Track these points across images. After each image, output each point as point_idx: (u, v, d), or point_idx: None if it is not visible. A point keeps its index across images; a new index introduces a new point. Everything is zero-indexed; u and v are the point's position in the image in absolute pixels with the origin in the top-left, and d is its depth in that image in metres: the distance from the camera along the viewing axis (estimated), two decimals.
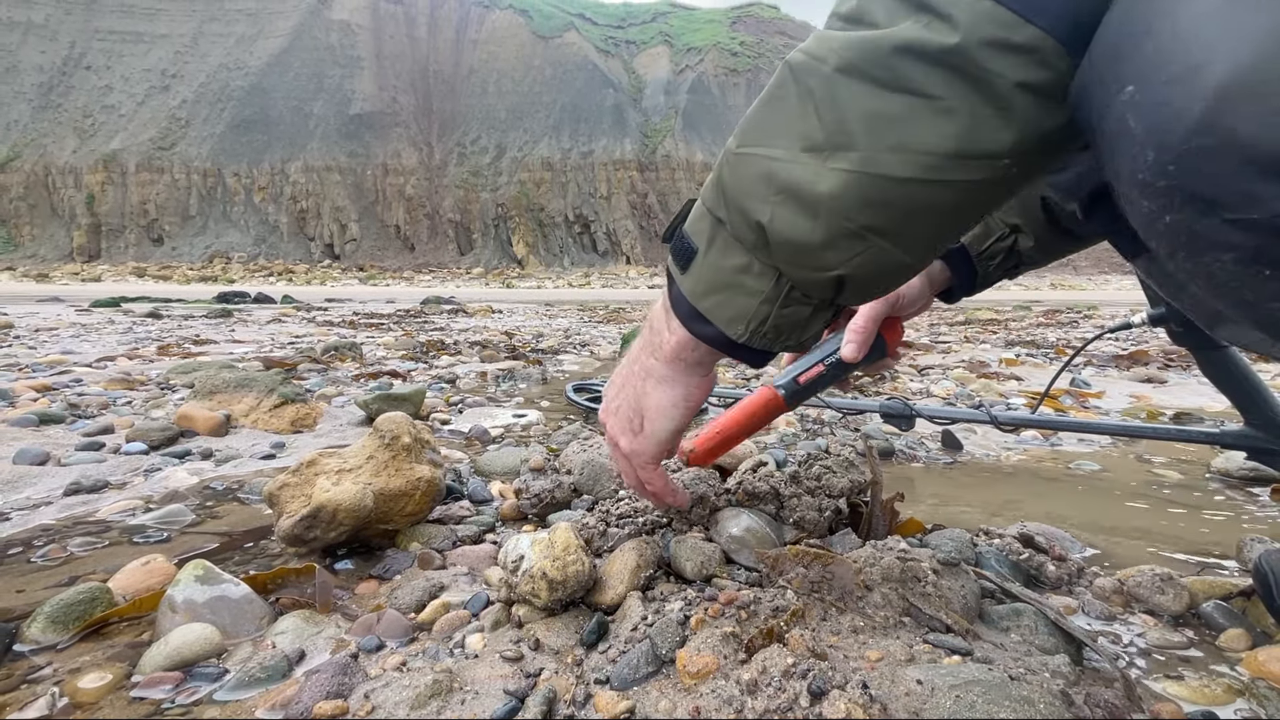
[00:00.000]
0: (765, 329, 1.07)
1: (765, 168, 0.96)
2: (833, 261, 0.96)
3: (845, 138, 0.88)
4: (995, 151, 0.83)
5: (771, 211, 0.96)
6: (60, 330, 8.89)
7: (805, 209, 0.93)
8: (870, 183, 0.88)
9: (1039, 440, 3.13)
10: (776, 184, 0.94)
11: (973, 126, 0.82)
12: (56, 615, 1.33)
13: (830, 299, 1.05)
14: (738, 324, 1.07)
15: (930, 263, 1.07)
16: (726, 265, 1.05)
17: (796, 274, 1.01)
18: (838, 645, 1.11)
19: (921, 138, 0.84)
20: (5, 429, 2.88)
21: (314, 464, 1.77)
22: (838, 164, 0.89)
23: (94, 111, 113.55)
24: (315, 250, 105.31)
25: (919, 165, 0.85)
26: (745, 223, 1.00)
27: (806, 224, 0.93)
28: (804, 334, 1.11)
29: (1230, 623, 1.38)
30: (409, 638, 1.32)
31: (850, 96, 0.87)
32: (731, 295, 1.06)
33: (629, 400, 1.31)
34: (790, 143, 0.93)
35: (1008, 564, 1.60)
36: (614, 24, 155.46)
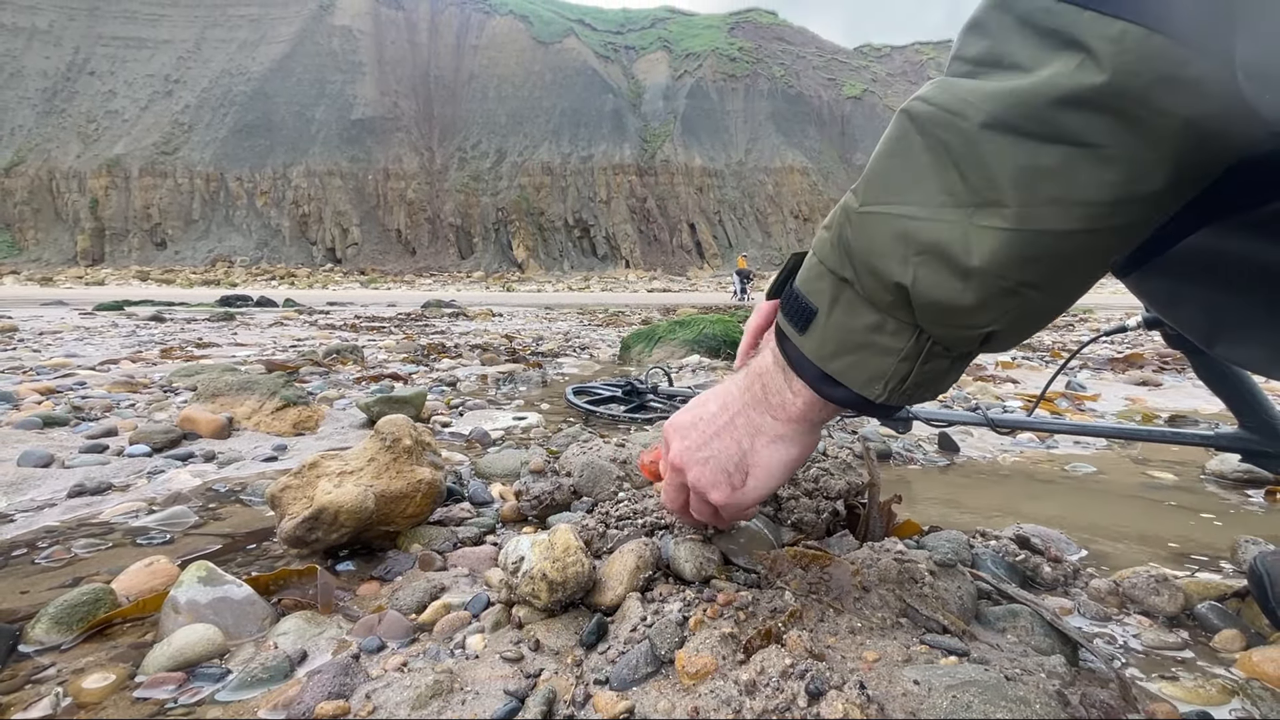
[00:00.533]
0: (905, 386, 1.02)
1: (901, 227, 0.91)
2: (985, 320, 0.92)
3: (996, 194, 0.83)
4: (1155, 191, 0.78)
5: (914, 273, 0.91)
6: (64, 334, 8.89)
7: (954, 270, 0.88)
8: (1028, 239, 0.83)
9: (1035, 443, 3.13)
10: (917, 244, 0.90)
11: (1133, 171, 0.77)
12: (60, 616, 1.33)
13: (974, 351, 1.01)
14: (875, 384, 1.02)
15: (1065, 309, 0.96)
16: (857, 325, 1.00)
17: (941, 332, 0.96)
18: (835, 646, 1.11)
19: (1082, 189, 0.79)
20: (10, 431, 2.88)
21: (316, 466, 1.77)
22: (989, 221, 0.84)
23: (98, 116, 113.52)
24: (317, 254, 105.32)
25: (1080, 217, 0.80)
26: (880, 284, 0.95)
27: (957, 285, 0.89)
28: (944, 385, 1.07)
29: (1225, 624, 1.38)
30: (410, 638, 1.32)
31: (999, 151, 0.82)
32: (866, 356, 1.01)
33: (729, 454, 1.20)
34: (928, 200, 0.89)
35: (1004, 565, 1.60)
36: (613, 30, 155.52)
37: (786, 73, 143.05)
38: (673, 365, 5.63)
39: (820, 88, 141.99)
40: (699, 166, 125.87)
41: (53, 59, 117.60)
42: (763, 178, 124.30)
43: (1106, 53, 0.71)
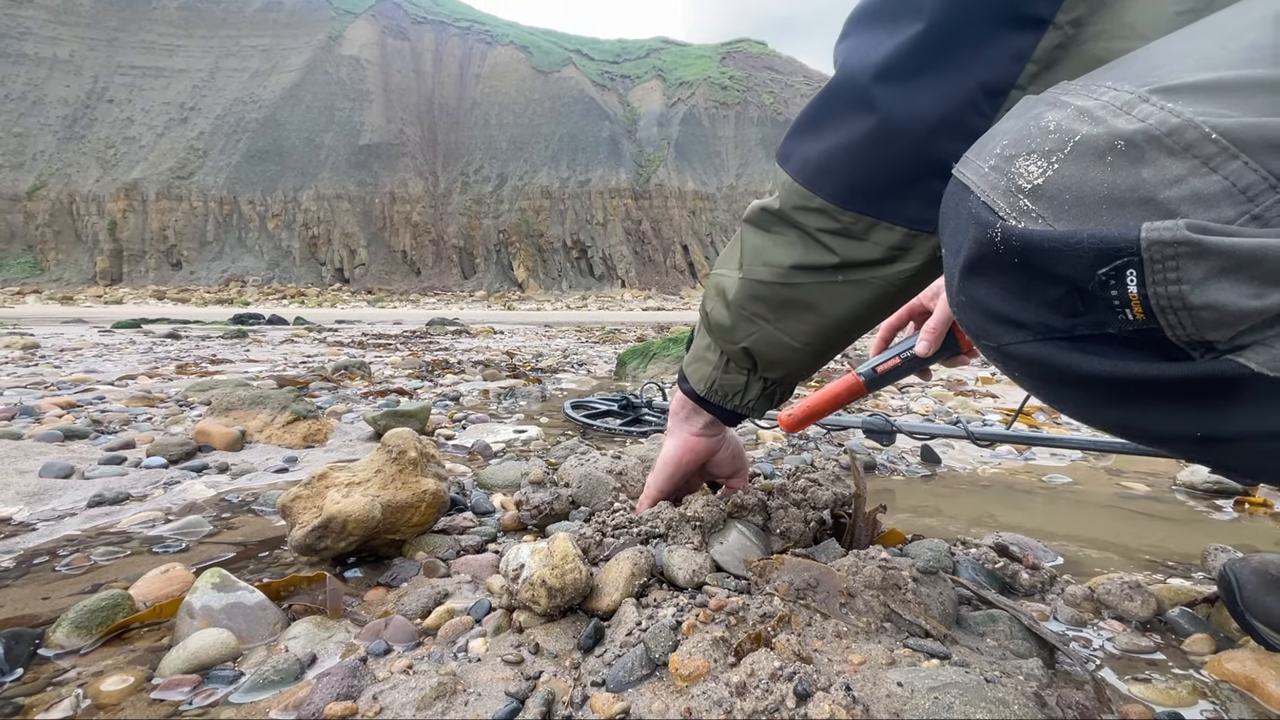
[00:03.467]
0: (716, 388, 1.56)
1: (717, 280, 1.47)
2: (739, 336, 1.44)
3: (743, 259, 1.39)
4: (821, 265, 1.27)
5: (712, 306, 1.49)
6: (84, 350, 8.87)
7: (724, 303, 1.45)
8: (752, 285, 1.37)
9: (1013, 455, 3.14)
10: (717, 289, 1.46)
11: (804, 252, 1.28)
12: (80, 621, 1.33)
13: (752, 368, 1.51)
14: (701, 383, 1.58)
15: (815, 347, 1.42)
16: (700, 345, 1.58)
17: (724, 346, 1.50)
18: (822, 649, 1.11)
19: (776, 258, 1.32)
20: (32, 444, 2.87)
21: (325, 477, 1.77)
22: (738, 274, 1.40)
23: (116, 142, 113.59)
24: (326, 274, 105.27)
25: (774, 274, 1.33)
26: (704, 315, 1.53)
27: (725, 312, 1.45)
28: (745, 396, 1.55)
29: (1195, 628, 1.39)
30: (415, 642, 1.33)
31: (747, 236, 1.39)
32: (700, 365, 1.58)
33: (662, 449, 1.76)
34: (730, 264, 1.44)
35: (984, 572, 1.60)
36: (610, 59, 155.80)
37: (775, 100, 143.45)
38: (666, 381, 5.63)
39: None
40: (692, 190, 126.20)
41: (73, 87, 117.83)
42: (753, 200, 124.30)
43: (781, 190, 1.28)
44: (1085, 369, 0.80)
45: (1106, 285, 0.72)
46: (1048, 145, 0.79)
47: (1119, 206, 0.71)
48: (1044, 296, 0.80)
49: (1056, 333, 0.81)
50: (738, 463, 1.81)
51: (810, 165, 1.21)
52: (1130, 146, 0.71)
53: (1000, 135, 0.88)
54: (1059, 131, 0.78)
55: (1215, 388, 0.73)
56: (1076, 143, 0.76)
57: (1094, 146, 0.74)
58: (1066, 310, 0.78)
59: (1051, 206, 0.76)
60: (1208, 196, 0.67)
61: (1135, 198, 0.71)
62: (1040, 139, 0.80)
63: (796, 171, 1.24)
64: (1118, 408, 0.84)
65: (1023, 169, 0.80)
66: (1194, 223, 0.66)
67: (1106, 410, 0.86)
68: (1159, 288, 0.69)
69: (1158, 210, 0.69)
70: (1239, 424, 0.75)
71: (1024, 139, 0.82)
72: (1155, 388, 0.77)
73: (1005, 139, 0.86)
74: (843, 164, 1.16)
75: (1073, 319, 0.78)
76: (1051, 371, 0.84)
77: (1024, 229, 0.78)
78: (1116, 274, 0.71)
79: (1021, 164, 0.80)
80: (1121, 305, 0.72)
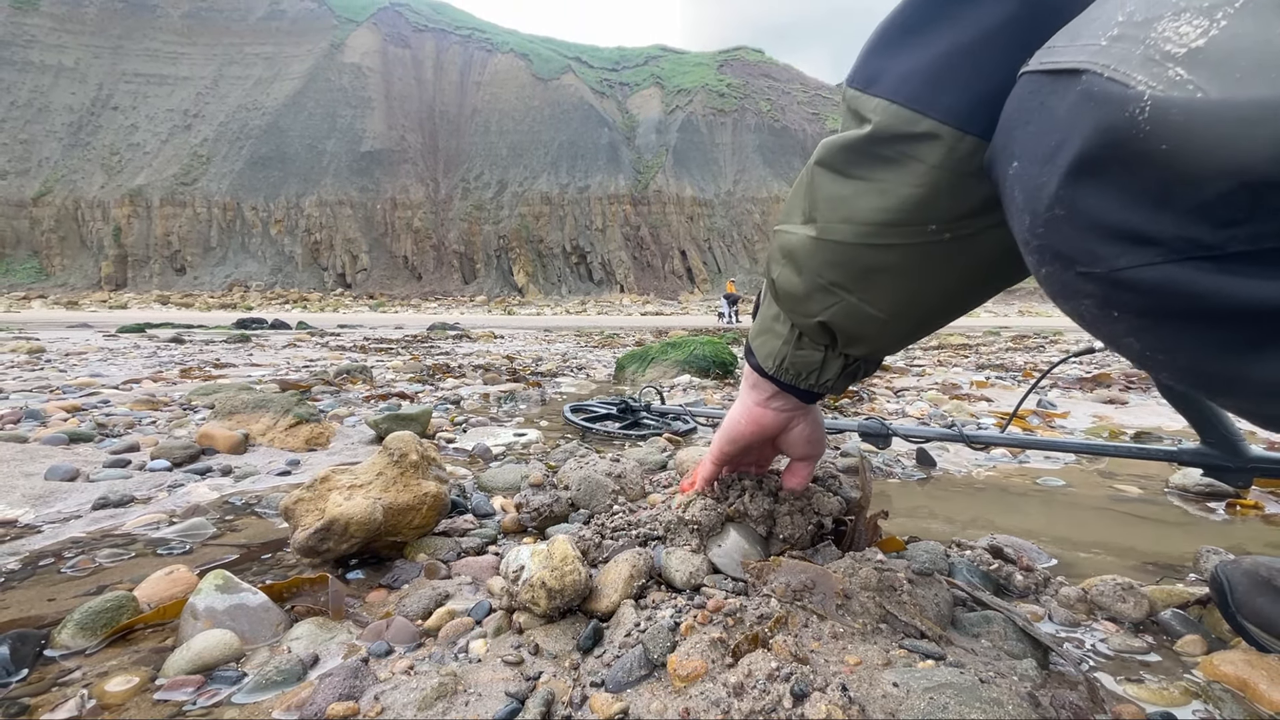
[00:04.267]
0: (786, 365, 1.31)
1: (782, 240, 1.20)
2: (815, 309, 1.18)
3: (816, 213, 1.11)
4: (920, 219, 0.99)
5: (779, 271, 1.21)
6: (89, 354, 8.87)
7: (794, 267, 1.17)
8: (829, 247, 1.09)
9: (1008, 458, 3.14)
10: (784, 249, 1.19)
11: (900, 201, 0.98)
12: (85, 622, 1.33)
13: (830, 344, 1.25)
14: (769, 360, 1.32)
15: (909, 322, 1.17)
16: (768, 315, 1.32)
17: (795, 319, 1.24)
18: (819, 650, 1.11)
19: (861, 213, 1.03)
20: (37, 447, 2.87)
21: (327, 480, 1.77)
22: (810, 232, 1.12)
23: (121, 149, 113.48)
24: (328, 279, 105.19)
25: (858, 233, 1.04)
26: (769, 279, 1.26)
27: (794, 278, 1.18)
28: (822, 376, 1.30)
29: (1187, 629, 1.39)
30: (416, 643, 1.33)
31: (821, 182, 1.09)
32: (768, 338, 1.32)
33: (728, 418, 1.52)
34: (795, 218, 1.16)
35: (978, 574, 1.60)
36: (609, 67, 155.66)
37: (772, 107, 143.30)
38: (665, 384, 5.63)
39: (805, 121, 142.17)
40: (690, 196, 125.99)
41: (78, 94, 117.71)
42: (750, 207, 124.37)
43: (874, 118, 0.97)
44: (1234, 296, 0.63)
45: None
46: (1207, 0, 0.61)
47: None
48: (1194, 198, 0.62)
49: (1201, 249, 0.63)
50: (813, 446, 1.50)
51: (915, 78, 0.93)
52: None
53: (1114, 7, 0.70)
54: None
55: None
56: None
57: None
58: (1223, 217, 0.61)
59: (1218, 74, 0.59)
60: None
61: None
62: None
63: (894, 90, 0.95)
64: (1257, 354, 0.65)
65: (1170, 32, 0.62)
66: None
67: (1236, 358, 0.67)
68: None
69: None
70: None
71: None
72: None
73: (1129, 6, 0.68)
74: (969, 67, 0.90)
75: (1229, 229, 0.61)
76: (1182, 304, 0.66)
77: (1188, 99, 0.60)
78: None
79: (1167, 26, 0.63)
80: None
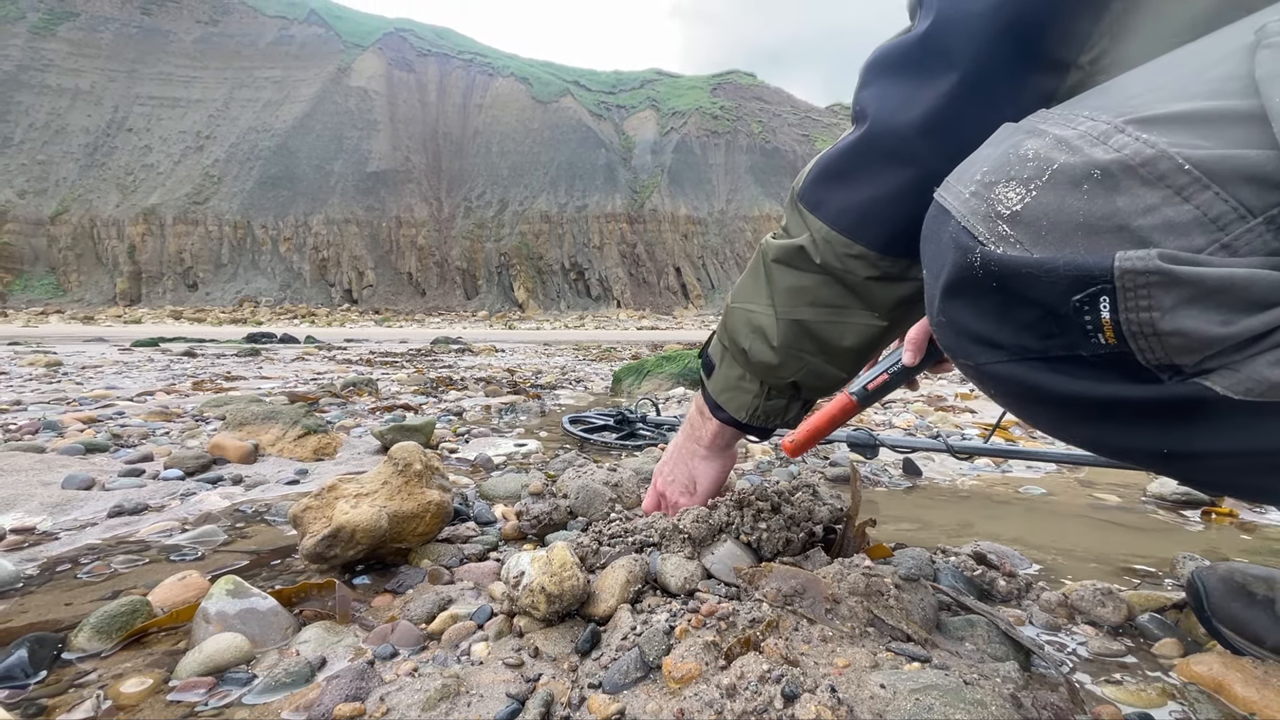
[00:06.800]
0: (759, 414, 1.55)
1: (746, 316, 1.44)
2: (786, 374, 1.44)
3: (777, 299, 1.37)
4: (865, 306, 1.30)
5: (750, 343, 1.44)
6: (104, 367, 8.85)
7: (766, 342, 1.41)
8: (796, 326, 1.36)
9: (991, 467, 3.14)
10: (752, 326, 1.43)
11: (847, 293, 1.29)
12: (101, 625, 1.33)
13: (795, 395, 1.52)
14: (742, 411, 1.56)
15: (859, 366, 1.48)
16: (732, 375, 1.55)
17: (768, 380, 1.49)
18: (808, 653, 1.12)
19: (824, 298, 1.31)
20: (55, 457, 2.87)
21: (334, 489, 1.77)
22: (774, 314, 1.38)
23: (135, 169, 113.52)
24: (335, 295, 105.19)
25: (823, 314, 1.33)
26: (737, 349, 1.49)
27: (769, 351, 1.41)
28: (786, 416, 1.57)
29: (1164, 633, 1.39)
30: (420, 646, 1.33)
31: (780, 276, 1.36)
32: (736, 394, 1.55)
33: (684, 474, 1.77)
34: (758, 300, 1.41)
35: (963, 579, 1.61)
36: (606, 90, 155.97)
37: (764, 129, 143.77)
38: (660, 396, 5.63)
39: (795, 143, 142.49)
40: (684, 215, 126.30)
41: (94, 117, 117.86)
42: (742, 225, 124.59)
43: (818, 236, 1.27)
44: (1058, 389, 0.81)
45: (1081, 310, 0.73)
46: (1026, 173, 0.79)
47: (1094, 234, 0.72)
48: (1020, 319, 0.81)
49: (1031, 353, 0.82)
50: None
51: (848, 215, 1.22)
52: (1106, 175, 0.72)
53: (981, 162, 0.88)
54: (1037, 160, 0.79)
55: (1181, 408, 0.74)
56: (1054, 171, 0.76)
57: (1071, 175, 0.75)
58: (1041, 332, 0.80)
59: (1029, 233, 0.77)
60: (1180, 225, 0.68)
61: (1110, 225, 0.71)
62: (1019, 166, 0.80)
63: (833, 220, 1.24)
64: (1088, 425, 0.86)
65: (1002, 195, 0.80)
66: (1165, 252, 0.67)
67: (1077, 427, 0.89)
68: (1131, 314, 0.70)
69: (1131, 238, 0.70)
70: (1203, 442, 0.77)
71: (1004, 166, 0.83)
72: (1124, 407, 0.79)
73: (985, 165, 0.86)
74: (884, 214, 1.17)
75: (1047, 341, 0.80)
76: (1026, 390, 0.86)
77: (1002, 254, 0.79)
78: (1090, 300, 0.72)
79: (1001, 190, 0.81)
80: (1094, 330, 0.74)
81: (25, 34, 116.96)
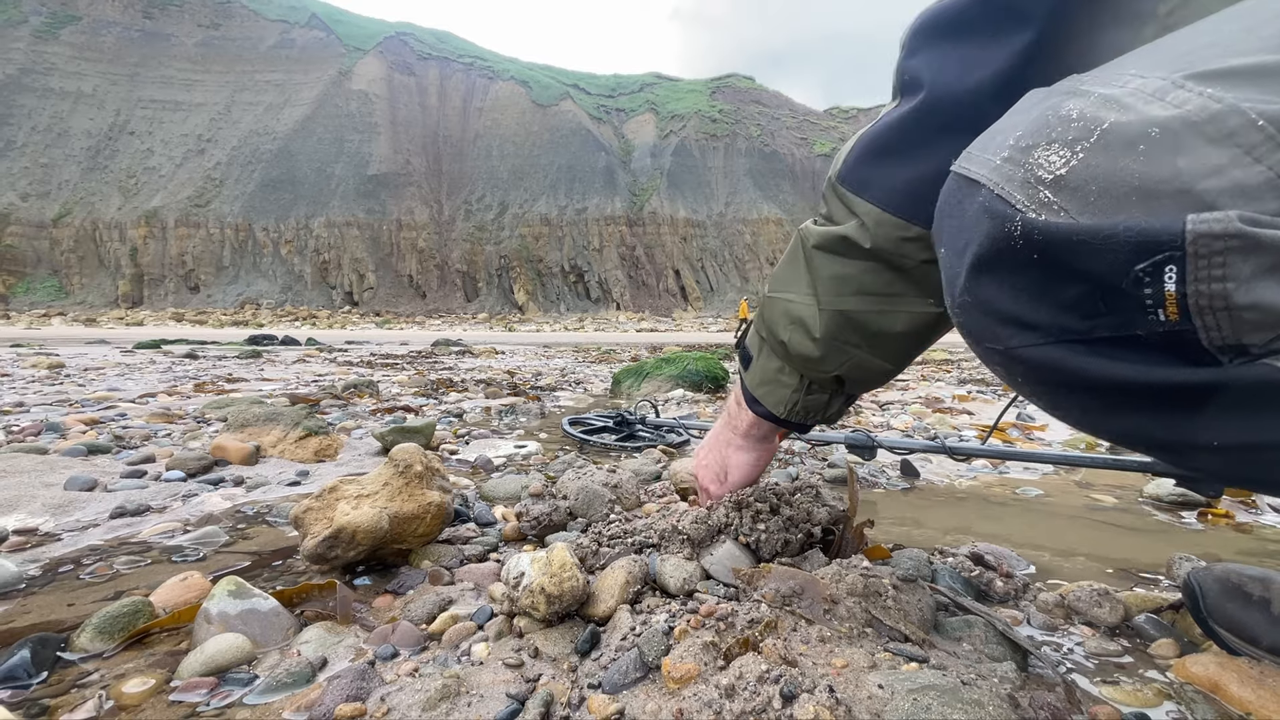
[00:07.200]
0: (798, 409, 1.47)
1: (785, 307, 1.36)
2: (830, 367, 1.35)
3: (820, 288, 1.28)
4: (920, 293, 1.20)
5: (789, 335, 1.36)
6: (107, 369, 8.85)
7: (807, 334, 1.32)
8: (840, 316, 1.27)
9: (988, 469, 3.14)
10: (791, 317, 1.34)
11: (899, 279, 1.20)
12: (103, 626, 1.33)
13: (838, 390, 1.44)
14: (780, 406, 1.47)
15: (907, 360, 1.37)
16: (770, 368, 1.47)
17: (809, 374, 1.40)
18: (807, 653, 1.12)
19: (871, 286, 1.22)
20: (57, 458, 2.87)
21: (335, 490, 1.77)
22: (816, 303, 1.29)
23: (137, 172, 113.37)
24: (336, 297, 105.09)
25: (870, 303, 1.24)
26: (775, 341, 1.41)
27: (810, 343, 1.32)
28: (827, 412, 1.50)
29: (1161, 633, 1.39)
30: (421, 647, 1.33)
31: (822, 264, 1.27)
32: (774, 387, 1.47)
33: (717, 461, 1.71)
34: (799, 289, 1.32)
35: (960, 580, 1.61)
36: (605, 94, 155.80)
37: (763, 133, 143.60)
38: (659, 398, 5.63)
39: (793, 146, 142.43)
40: (683, 218, 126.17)
41: (96, 120, 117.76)
42: (741, 228, 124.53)
43: (868, 220, 1.17)
44: (1100, 374, 0.74)
45: (1140, 282, 0.66)
46: (1071, 134, 0.72)
47: (1152, 198, 0.66)
48: (1062, 296, 0.74)
49: (1072, 335, 0.75)
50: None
51: (900, 194, 1.12)
52: (1165, 134, 0.66)
53: (1010, 128, 0.81)
54: (1083, 119, 0.72)
55: (1245, 395, 0.68)
56: (1105, 130, 0.70)
57: (1125, 134, 0.68)
58: (1086, 311, 0.73)
59: (1076, 198, 0.70)
60: (1250, 189, 0.62)
61: (1170, 189, 0.65)
62: (1062, 128, 0.73)
63: (884, 201, 1.14)
64: (1127, 415, 0.78)
65: (1042, 159, 0.74)
66: (1246, 214, 0.61)
67: (1115, 418, 0.81)
68: (1201, 285, 0.63)
69: (1195, 203, 0.64)
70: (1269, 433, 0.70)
71: (1042, 128, 0.76)
72: (1175, 394, 0.72)
73: (1018, 130, 0.79)
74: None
75: (1092, 320, 0.73)
76: (1061, 376, 0.78)
77: (1047, 221, 0.71)
78: (1154, 270, 0.65)
79: (1041, 154, 0.74)
80: (1155, 305, 0.67)
81: (28, 37, 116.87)
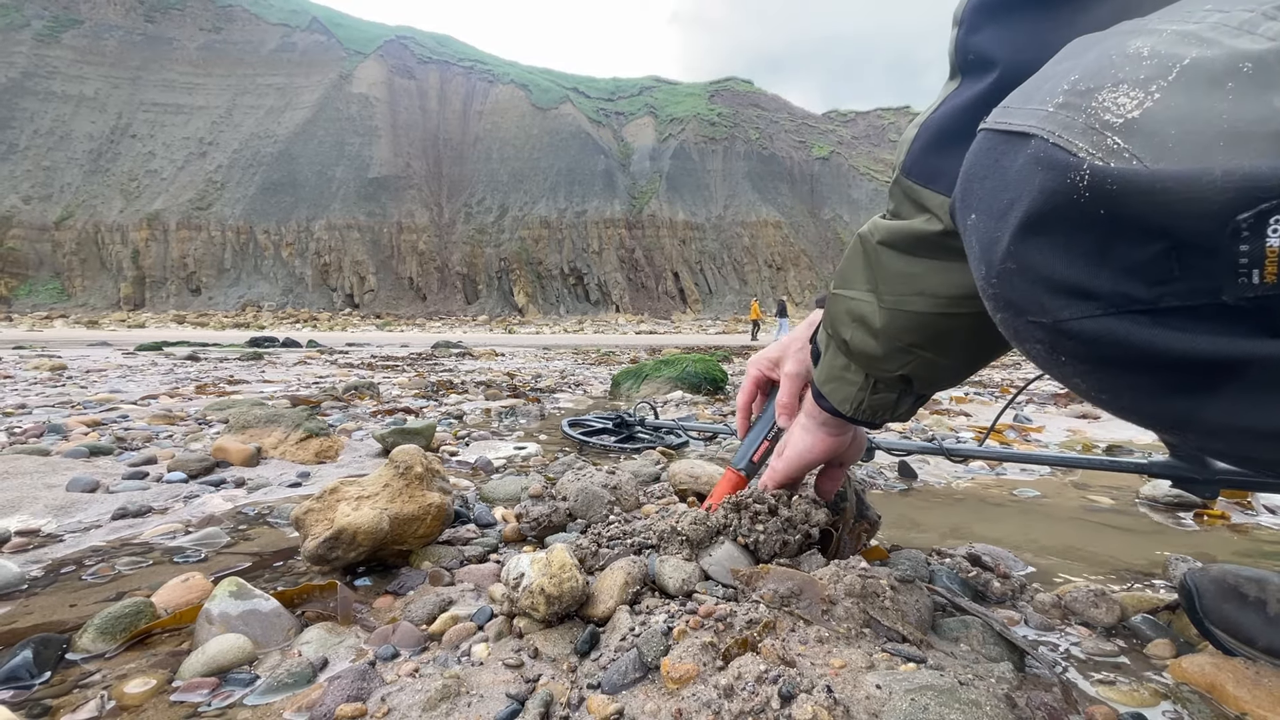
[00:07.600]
0: (864, 408, 1.35)
1: (847, 304, 1.27)
2: (894, 367, 1.25)
3: (883, 286, 1.19)
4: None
5: (851, 333, 1.27)
6: (108, 371, 8.85)
7: (869, 332, 1.23)
8: (904, 316, 1.16)
9: (986, 470, 3.14)
10: (853, 315, 1.26)
11: (968, 281, 1.00)
12: (105, 627, 1.33)
13: (906, 389, 1.32)
14: (845, 404, 1.37)
15: (981, 364, 1.27)
16: (836, 365, 1.36)
17: (874, 373, 1.30)
18: (805, 654, 1.12)
19: (935, 287, 1.11)
20: (59, 460, 2.87)
21: (336, 491, 1.77)
22: (878, 302, 1.20)
23: (139, 175, 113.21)
24: (337, 300, 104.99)
25: (935, 304, 1.12)
26: (839, 339, 1.32)
27: (872, 342, 1.24)
28: (895, 412, 1.37)
29: (1157, 633, 1.40)
30: (421, 647, 1.33)
31: (887, 261, 1.17)
32: (840, 385, 1.37)
33: (787, 434, 1.59)
34: (860, 287, 1.24)
35: (958, 581, 1.61)
36: (605, 97, 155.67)
37: (761, 136, 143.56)
38: (658, 400, 5.63)
39: (792, 149, 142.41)
40: (682, 221, 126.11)
41: (98, 123, 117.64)
42: (740, 231, 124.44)
43: (941, 213, 1.05)
44: (1169, 348, 0.65)
45: (1237, 237, 0.57)
46: (1143, 73, 0.64)
47: (1242, 141, 0.57)
48: (1129, 258, 0.65)
49: (1136, 304, 0.65)
50: (855, 452, 1.61)
51: None
52: (1260, 69, 0.58)
53: (1061, 74, 0.72)
54: (1156, 57, 0.64)
55: None
56: (1185, 67, 0.61)
57: (1209, 71, 0.60)
58: (1156, 275, 0.63)
59: (1151, 144, 0.61)
60: None
61: (1266, 130, 0.56)
62: (1131, 67, 0.65)
63: None
64: (1189, 397, 0.68)
65: (1109, 102, 0.65)
66: None
67: (1173, 400, 0.70)
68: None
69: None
70: None
71: (1106, 69, 0.67)
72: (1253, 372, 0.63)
73: (1074, 74, 0.70)
74: None
75: (1161, 286, 0.64)
76: (1117, 353, 0.69)
77: (1121, 169, 0.62)
78: (1257, 221, 0.56)
79: (1106, 96, 0.65)
80: (1250, 264, 0.58)
81: (30, 41, 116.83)
